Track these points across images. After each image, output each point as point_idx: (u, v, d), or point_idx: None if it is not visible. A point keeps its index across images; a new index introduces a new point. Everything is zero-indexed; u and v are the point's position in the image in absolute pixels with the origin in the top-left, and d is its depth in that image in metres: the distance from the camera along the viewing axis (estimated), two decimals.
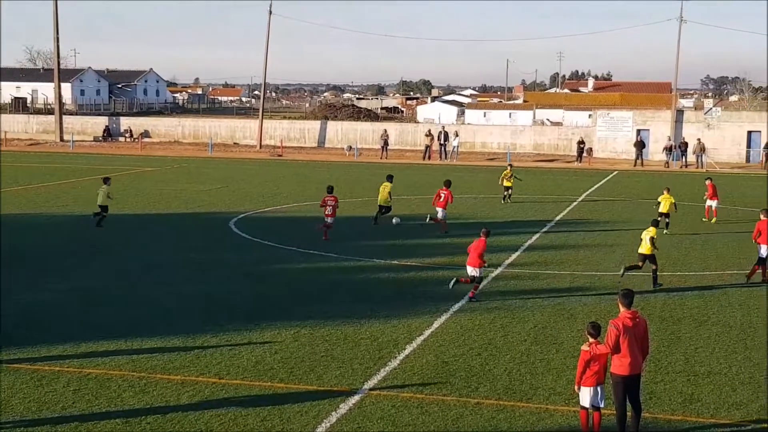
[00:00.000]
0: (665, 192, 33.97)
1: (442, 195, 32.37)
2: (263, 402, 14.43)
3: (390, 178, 34.80)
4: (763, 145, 67.98)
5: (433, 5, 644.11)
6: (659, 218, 30.01)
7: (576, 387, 13.19)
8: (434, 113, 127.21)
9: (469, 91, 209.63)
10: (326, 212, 30.13)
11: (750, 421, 13.97)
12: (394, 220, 32.69)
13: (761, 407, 14.58)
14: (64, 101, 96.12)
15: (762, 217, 24.55)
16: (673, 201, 33.53)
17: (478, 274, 22.01)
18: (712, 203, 36.32)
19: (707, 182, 36.85)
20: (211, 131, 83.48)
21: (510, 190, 41.68)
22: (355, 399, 14.63)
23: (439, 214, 32.32)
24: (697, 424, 13.88)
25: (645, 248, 23.78)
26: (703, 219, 36.42)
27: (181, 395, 14.70)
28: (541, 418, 13.99)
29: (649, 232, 23.90)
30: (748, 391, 15.37)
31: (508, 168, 42.89)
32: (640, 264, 23.94)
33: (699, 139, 67.70)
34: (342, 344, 17.79)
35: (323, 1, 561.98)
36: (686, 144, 68.06)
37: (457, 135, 71.80)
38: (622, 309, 13.12)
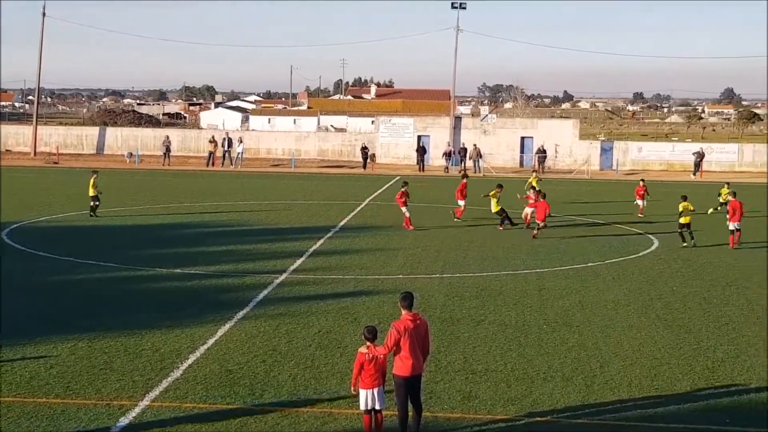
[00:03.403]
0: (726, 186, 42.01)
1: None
2: (38, 419, 13.81)
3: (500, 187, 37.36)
4: (535, 150, 71.14)
5: (216, 9, 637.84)
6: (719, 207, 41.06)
7: (352, 388, 13.39)
8: (218, 119, 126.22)
9: (253, 97, 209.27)
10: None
11: (524, 416, 14.57)
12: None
13: (534, 401, 15.23)
14: None
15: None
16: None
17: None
18: (640, 202, 41.64)
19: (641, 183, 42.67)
20: None
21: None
22: (135, 411, 14.26)
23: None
24: (475, 420, 14.33)
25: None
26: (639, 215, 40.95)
27: None
28: (326, 422, 14.08)
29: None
30: (522, 386, 16.02)
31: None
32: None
33: (475, 145, 70.23)
34: (122, 356, 17.31)
35: (101, 2, 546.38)
36: (465, 149, 70.38)
37: (241, 141, 71.40)
38: (403, 311, 13.38)
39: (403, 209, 35.38)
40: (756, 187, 56.97)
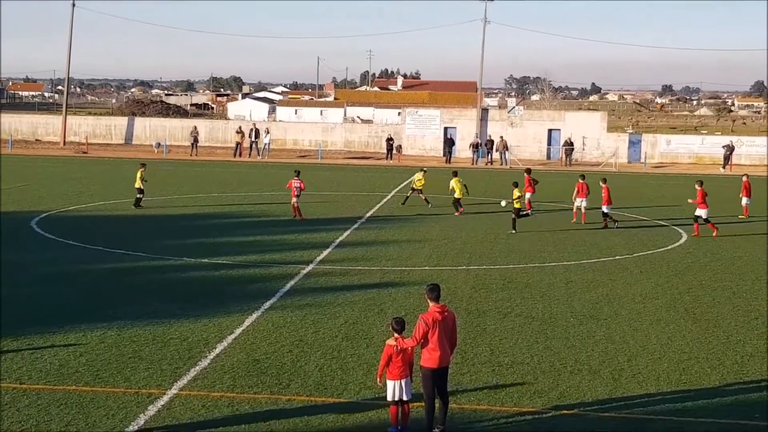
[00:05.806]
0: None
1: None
2: (67, 406, 13.93)
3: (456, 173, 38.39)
4: (562, 143, 70.90)
5: (243, 2, 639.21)
6: None
7: (378, 380, 13.41)
8: (245, 110, 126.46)
9: (280, 88, 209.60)
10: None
11: (550, 408, 14.53)
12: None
13: (560, 394, 15.19)
14: None
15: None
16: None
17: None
18: (582, 202, 35.44)
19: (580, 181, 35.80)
20: (11, 127, 79.89)
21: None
22: (164, 400, 14.35)
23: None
24: (502, 412, 14.31)
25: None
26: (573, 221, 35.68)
27: None
28: (353, 413, 14.09)
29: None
30: (549, 379, 15.98)
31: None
32: None
33: (502, 137, 70.04)
34: (150, 345, 17.41)
35: None
36: (492, 141, 70.25)
37: (268, 132, 71.55)
38: (430, 303, 13.38)
39: (294, 200, 35.46)
40: None
